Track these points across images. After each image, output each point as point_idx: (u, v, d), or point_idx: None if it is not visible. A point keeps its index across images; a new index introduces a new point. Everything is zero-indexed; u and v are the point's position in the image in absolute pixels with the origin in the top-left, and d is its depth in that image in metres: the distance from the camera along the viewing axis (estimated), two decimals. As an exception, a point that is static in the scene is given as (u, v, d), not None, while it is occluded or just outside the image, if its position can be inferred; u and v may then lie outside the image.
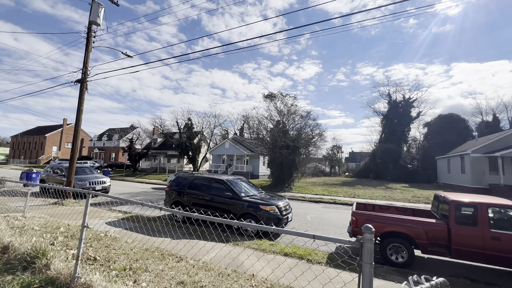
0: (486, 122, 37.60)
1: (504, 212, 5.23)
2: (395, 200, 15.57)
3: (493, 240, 4.85)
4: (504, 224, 5.05)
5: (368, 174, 37.57)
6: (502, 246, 4.81)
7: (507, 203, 5.14)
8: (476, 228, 5.02)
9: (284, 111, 23.98)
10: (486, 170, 20.05)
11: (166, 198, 9.25)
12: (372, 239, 1.48)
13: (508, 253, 4.77)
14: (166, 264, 4.11)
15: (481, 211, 5.06)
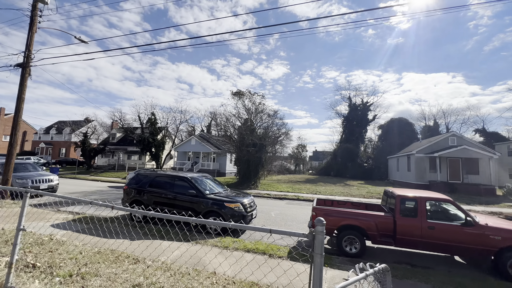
0: (429, 126, 42.63)
1: (438, 204, 6.00)
2: (352, 196, 16.80)
3: (429, 229, 5.54)
4: (438, 215, 5.79)
5: (329, 172, 39.90)
6: (436, 234, 5.51)
7: (441, 197, 5.91)
8: (416, 219, 5.67)
9: (252, 109, 24.14)
10: (427, 168, 22.77)
11: (124, 197, 8.66)
12: (323, 232, 1.58)
13: (441, 240, 5.49)
14: (120, 267, 3.85)
15: (421, 204, 5.73)
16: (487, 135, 38.91)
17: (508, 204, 15.42)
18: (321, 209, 6.38)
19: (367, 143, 44.64)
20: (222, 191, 8.27)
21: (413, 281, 4.53)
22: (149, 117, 32.39)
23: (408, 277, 4.65)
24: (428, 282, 4.51)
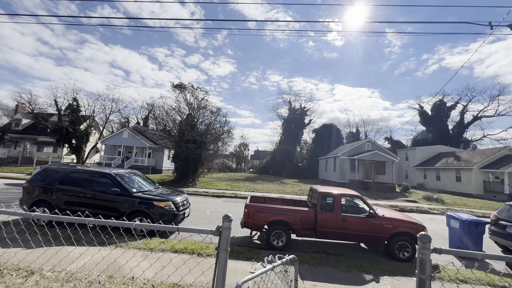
0: (352, 133, 49.38)
1: (350, 200, 6.98)
2: (286, 193, 18.04)
3: (342, 222, 6.39)
4: (349, 209, 6.74)
5: (268, 170, 41.92)
6: (347, 225, 6.40)
7: (352, 193, 6.90)
8: (333, 213, 6.47)
9: (194, 104, 23.26)
10: (348, 169, 26.29)
11: (23, 196, 7.14)
12: (229, 227, 1.62)
13: (351, 230, 6.40)
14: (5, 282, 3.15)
15: (337, 200, 6.57)
16: (393, 143, 47.53)
17: (403, 198, 19.16)
18: (252, 206, 6.61)
19: (302, 144, 48.69)
20: (152, 189, 7.69)
21: (326, 268, 5.14)
22: (70, 103, 27.65)
23: (323, 265, 5.26)
24: (338, 267, 5.19)
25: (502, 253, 7.66)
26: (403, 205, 15.80)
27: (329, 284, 4.42)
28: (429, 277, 1.31)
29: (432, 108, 45.40)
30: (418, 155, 34.82)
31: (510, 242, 7.10)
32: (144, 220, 6.59)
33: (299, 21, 8.23)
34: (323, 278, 4.64)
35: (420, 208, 14.93)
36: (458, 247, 6.99)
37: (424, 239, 1.37)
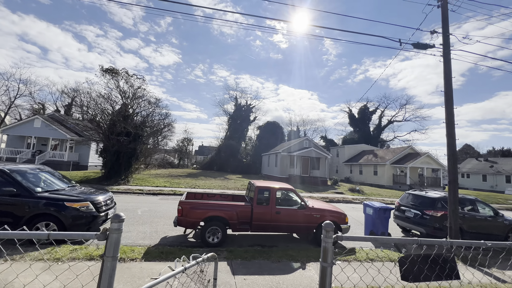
0: (293, 131, 52.76)
1: (285, 193, 7.33)
2: (228, 189, 17.99)
3: (277, 214, 6.66)
4: (284, 202, 7.07)
5: (213, 166, 41.22)
6: (281, 217, 6.70)
7: (287, 186, 7.26)
8: (268, 206, 6.67)
9: (129, 93, 20.89)
10: (288, 164, 27.97)
11: None
12: (120, 229, 1.37)
13: (285, 222, 6.72)
14: None
15: (272, 194, 6.80)
16: (327, 141, 52.83)
17: (332, 190, 21.46)
18: (187, 203, 6.27)
19: (247, 141, 49.60)
20: (65, 188, 6.51)
21: (259, 260, 5.25)
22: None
23: (256, 257, 5.35)
24: (270, 258, 5.37)
25: (402, 233, 9.30)
26: (332, 196, 17.67)
27: (259, 276, 4.51)
28: (331, 264, 1.37)
29: (358, 112, 52.20)
30: (347, 152, 39.59)
31: (407, 224, 8.66)
32: (52, 225, 5.51)
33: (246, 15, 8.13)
34: (254, 270, 4.71)
35: (345, 199, 16.95)
36: (371, 230, 8.14)
37: (327, 228, 1.43)
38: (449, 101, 7.25)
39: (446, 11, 7.63)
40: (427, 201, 8.31)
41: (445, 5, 7.64)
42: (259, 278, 4.45)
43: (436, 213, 7.79)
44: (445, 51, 7.49)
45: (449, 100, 7.26)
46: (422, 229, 8.02)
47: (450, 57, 7.43)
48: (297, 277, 4.61)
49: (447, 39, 7.53)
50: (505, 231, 8.32)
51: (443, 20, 7.65)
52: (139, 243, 6.04)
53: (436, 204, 8.01)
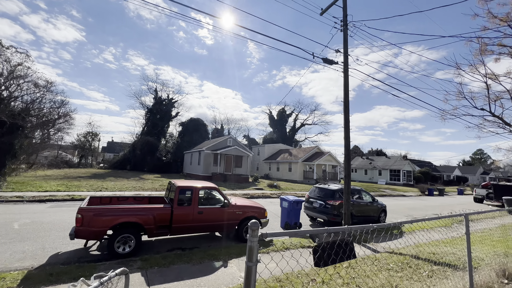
0: (217, 129, 52.69)
1: (208, 192, 7.19)
2: (144, 190, 16.25)
3: (199, 214, 6.45)
4: (207, 201, 6.92)
5: (125, 165, 36.36)
6: (204, 217, 6.53)
7: (210, 185, 7.14)
8: (190, 207, 6.38)
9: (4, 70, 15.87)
10: (211, 163, 27.71)
11: None
12: None
13: (207, 221, 6.58)
14: None
15: (195, 193, 6.54)
16: (249, 140, 55.39)
17: (253, 187, 22.63)
18: (89, 209, 5.26)
19: (168, 137, 46.22)
20: None
21: (179, 265, 4.94)
22: None
23: (176, 262, 5.02)
24: (191, 261, 5.14)
25: (310, 221, 10.70)
26: (253, 192, 18.63)
27: (178, 282, 4.24)
28: (256, 263, 1.40)
29: (277, 114, 57.03)
30: (266, 151, 42.59)
31: (314, 213, 10.04)
32: None
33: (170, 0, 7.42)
34: (173, 277, 4.40)
35: (264, 194, 18.19)
36: (286, 221, 9.02)
37: (253, 227, 1.45)
38: (346, 110, 8.84)
39: (346, 35, 9.25)
40: (328, 193, 9.87)
41: (345, 30, 9.24)
42: (178, 284, 4.18)
43: (335, 202, 9.36)
44: (345, 68, 9.07)
45: (346, 109, 8.84)
46: (325, 217, 9.46)
47: (348, 74, 9.04)
48: (219, 276, 4.60)
49: (347, 58, 9.13)
50: (378, 212, 10.82)
51: (344, 42, 9.24)
52: (15, 266, 4.65)
53: (335, 195, 9.62)
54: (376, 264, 5.18)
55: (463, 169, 65.66)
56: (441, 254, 5.91)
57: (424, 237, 8.09)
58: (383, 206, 11.05)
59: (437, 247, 6.62)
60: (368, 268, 4.93)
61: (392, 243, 7.22)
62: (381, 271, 4.81)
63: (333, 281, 4.13)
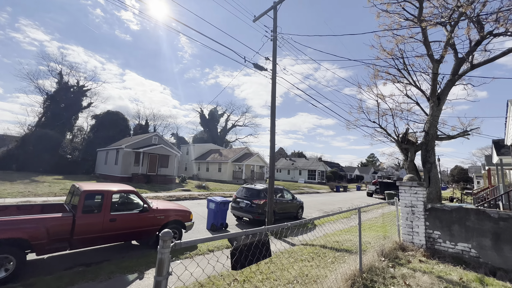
0: (141, 125, 47.60)
1: (125, 196, 6.38)
2: (37, 196, 13.07)
3: (111, 222, 5.62)
4: (122, 206, 6.12)
5: (10, 164, 28.37)
6: (117, 225, 5.73)
7: (127, 188, 6.34)
8: (100, 214, 5.49)
9: None
10: (132, 162, 24.81)
11: None
12: None
13: (121, 230, 5.80)
14: None
15: (107, 198, 5.67)
16: (178, 139, 52.43)
17: (180, 188, 21.48)
18: None
19: (76, 132, 38.80)
20: None
21: (80, 284, 4.17)
22: None
23: (75, 282, 4.21)
24: (97, 278, 4.41)
25: (236, 221, 10.93)
26: (180, 194, 17.68)
27: (78, 305, 3.57)
28: (166, 276, 1.29)
29: (209, 113, 56.10)
30: (196, 150, 41.25)
31: (241, 213, 10.31)
32: None
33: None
34: (71, 300, 3.67)
35: (192, 196, 17.53)
36: (212, 223, 8.91)
37: (165, 237, 1.33)
38: (273, 114, 9.47)
39: (275, 45, 9.92)
40: (254, 193, 10.33)
41: (275, 40, 9.91)
42: (78, 308, 3.51)
43: (260, 202, 9.86)
44: (273, 75, 9.71)
45: (273, 113, 9.48)
46: (250, 216, 9.84)
47: (275, 81, 9.71)
48: (133, 290, 4.11)
49: (275, 67, 9.80)
50: (297, 208, 12.04)
51: (273, 51, 9.88)
52: None
53: (260, 194, 10.15)
54: (292, 257, 5.71)
55: (361, 169, 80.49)
56: (343, 242, 7.03)
57: (331, 228, 9.47)
58: (301, 203, 12.34)
59: (340, 236, 7.85)
60: (285, 261, 5.39)
61: (307, 236, 8.15)
62: (296, 262, 5.34)
63: (255, 278, 4.32)
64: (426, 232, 5.99)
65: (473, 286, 4.07)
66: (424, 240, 5.96)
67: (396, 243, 6.07)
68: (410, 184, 6.32)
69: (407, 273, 4.42)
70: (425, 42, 10.33)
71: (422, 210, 6.07)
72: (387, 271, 4.44)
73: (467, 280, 4.30)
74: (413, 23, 10.26)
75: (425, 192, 6.31)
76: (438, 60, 10.24)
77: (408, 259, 5.27)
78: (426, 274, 4.40)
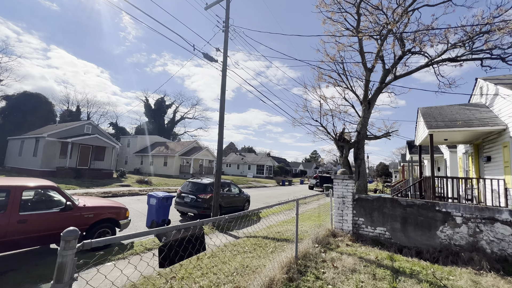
0: (71, 111, 41.18)
1: (42, 192, 5.41)
2: None
3: (21, 224, 4.70)
4: (36, 204, 5.18)
5: None
6: (29, 227, 4.82)
7: (44, 184, 5.38)
8: (4, 215, 4.52)
9: None
10: (57, 154, 21.30)
11: None
12: None
13: (36, 232, 4.90)
14: None
15: (15, 195, 4.70)
16: (118, 129, 47.25)
17: (118, 184, 19.47)
18: None
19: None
20: None
21: (-29, 301, 3.37)
22: None
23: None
24: (-4, 291, 3.64)
25: (181, 217, 10.49)
26: (117, 190, 16.01)
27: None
28: (69, 282, 1.09)
29: (155, 103, 52.10)
30: (139, 142, 37.92)
31: (185, 208, 9.92)
32: None
33: None
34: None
35: (131, 191, 16.07)
36: (153, 220, 8.34)
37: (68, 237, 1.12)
38: (222, 107, 9.32)
39: (227, 36, 9.73)
40: (201, 187, 10.06)
41: (227, 31, 9.71)
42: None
43: (206, 196, 9.66)
44: (224, 67, 9.52)
45: (222, 107, 9.33)
46: (195, 211, 9.56)
47: (226, 73, 9.55)
48: (47, 301, 3.53)
49: (226, 59, 9.62)
50: (243, 202, 12.23)
51: (225, 43, 9.68)
52: None
53: (207, 189, 9.95)
54: (235, 250, 5.77)
55: (305, 165, 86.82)
56: (284, 232, 7.44)
57: (274, 219, 9.94)
58: (247, 197, 12.58)
59: (282, 226, 8.30)
60: (228, 254, 5.40)
61: (251, 228, 8.36)
62: (239, 254, 5.41)
63: (194, 274, 4.20)
64: (353, 219, 6.81)
65: (385, 263, 4.81)
66: (351, 226, 6.77)
67: (329, 230, 6.73)
68: (342, 177, 7.06)
69: (335, 256, 4.95)
70: (360, 52, 11.59)
71: (351, 200, 6.86)
72: (319, 256, 4.88)
73: (381, 258, 5.06)
74: (352, 33, 11.38)
75: (354, 185, 7.15)
76: (370, 69, 11.64)
77: (337, 244, 5.90)
78: (350, 256, 5.00)
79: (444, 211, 5.76)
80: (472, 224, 5.48)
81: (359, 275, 4.14)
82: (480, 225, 5.42)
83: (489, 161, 9.12)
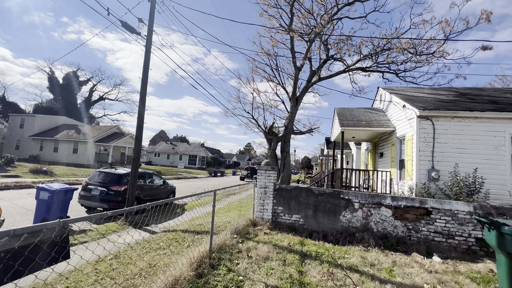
0: None
1: None
2: None
3: None
4: None
5: None
6: None
7: None
8: None
9: None
10: None
11: None
12: None
13: None
14: None
15: None
16: (6, 104, 36.96)
17: (1, 174, 15.22)
18: None
19: None
20: None
21: None
22: None
23: None
24: None
25: (86, 213, 8.93)
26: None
27: None
28: None
29: (64, 78, 43.00)
30: (38, 124, 30.65)
31: (93, 202, 8.46)
32: None
33: None
34: None
35: (20, 184, 12.81)
36: (44, 218, 6.75)
37: None
38: (144, 87, 8.23)
39: (154, 8, 8.56)
40: (114, 178, 8.75)
41: (153, 2, 8.54)
42: None
43: (120, 188, 8.46)
44: (148, 43, 8.37)
45: (144, 86, 8.23)
46: (106, 205, 8.27)
47: (150, 50, 8.43)
48: None
49: (151, 34, 8.47)
50: (167, 194, 11.37)
51: (150, 15, 8.49)
52: None
53: (122, 180, 8.72)
54: (146, 247, 5.18)
55: (239, 156, 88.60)
56: (206, 224, 7.20)
57: (200, 211, 9.58)
58: (172, 188, 11.75)
59: (205, 218, 8.03)
60: (136, 253, 4.79)
61: (172, 222, 7.78)
62: (150, 252, 4.87)
63: (85, 281, 3.49)
64: (273, 208, 7.13)
65: (296, 248, 5.18)
66: (271, 215, 7.09)
67: (250, 220, 6.86)
68: (265, 168, 7.28)
69: (252, 245, 5.02)
70: (292, 50, 12.19)
71: (272, 190, 7.16)
72: (236, 247, 4.86)
73: (293, 243, 5.43)
74: (285, 30, 11.82)
75: (276, 175, 7.47)
76: (299, 67, 12.40)
77: (256, 233, 6.05)
78: (266, 244, 5.17)
79: (347, 198, 6.64)
80: (366, 209, 6.50)
81: (271, 262, 4.28)
82: (371, 209, 6.47)
83: (382, 156, 11.12)
